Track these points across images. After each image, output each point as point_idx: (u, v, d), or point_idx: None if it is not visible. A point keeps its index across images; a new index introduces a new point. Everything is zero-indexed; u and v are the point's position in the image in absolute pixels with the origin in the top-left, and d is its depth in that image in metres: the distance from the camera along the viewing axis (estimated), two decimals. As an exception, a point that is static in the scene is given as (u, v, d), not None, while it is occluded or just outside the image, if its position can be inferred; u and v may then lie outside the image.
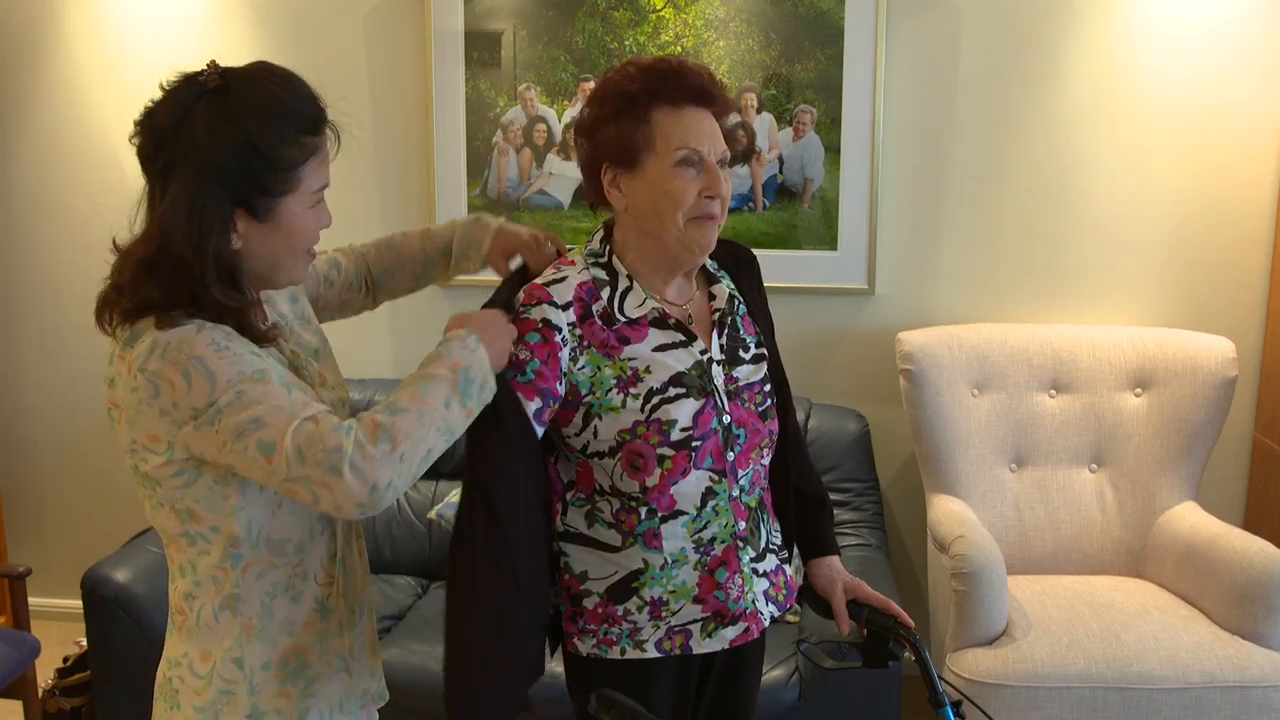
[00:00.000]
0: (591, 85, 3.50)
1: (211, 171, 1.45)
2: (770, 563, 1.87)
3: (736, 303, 1.86)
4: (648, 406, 1.70)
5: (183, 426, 1.45)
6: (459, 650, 1.62)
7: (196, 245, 1.44)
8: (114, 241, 1.56)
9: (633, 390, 1.70)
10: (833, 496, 3.32)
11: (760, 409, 1.82)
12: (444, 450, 1.52)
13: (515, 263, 1.89)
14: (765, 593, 1.85)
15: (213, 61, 1.52)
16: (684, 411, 1.71)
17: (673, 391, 1.71)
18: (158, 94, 1.55)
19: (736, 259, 1.94)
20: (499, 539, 1.63)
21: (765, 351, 1.87)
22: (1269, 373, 3.43)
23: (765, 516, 1.88)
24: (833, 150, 3.49)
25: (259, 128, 1.47)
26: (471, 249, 1.95)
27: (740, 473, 1.79)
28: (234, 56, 1.60)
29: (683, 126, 1.68)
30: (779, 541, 1.92)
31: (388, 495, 1.43)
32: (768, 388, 1.85)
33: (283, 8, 3.68)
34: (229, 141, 1.46)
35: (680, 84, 1.69)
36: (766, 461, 1.86)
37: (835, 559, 1.94)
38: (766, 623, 1.85)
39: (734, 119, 1.81)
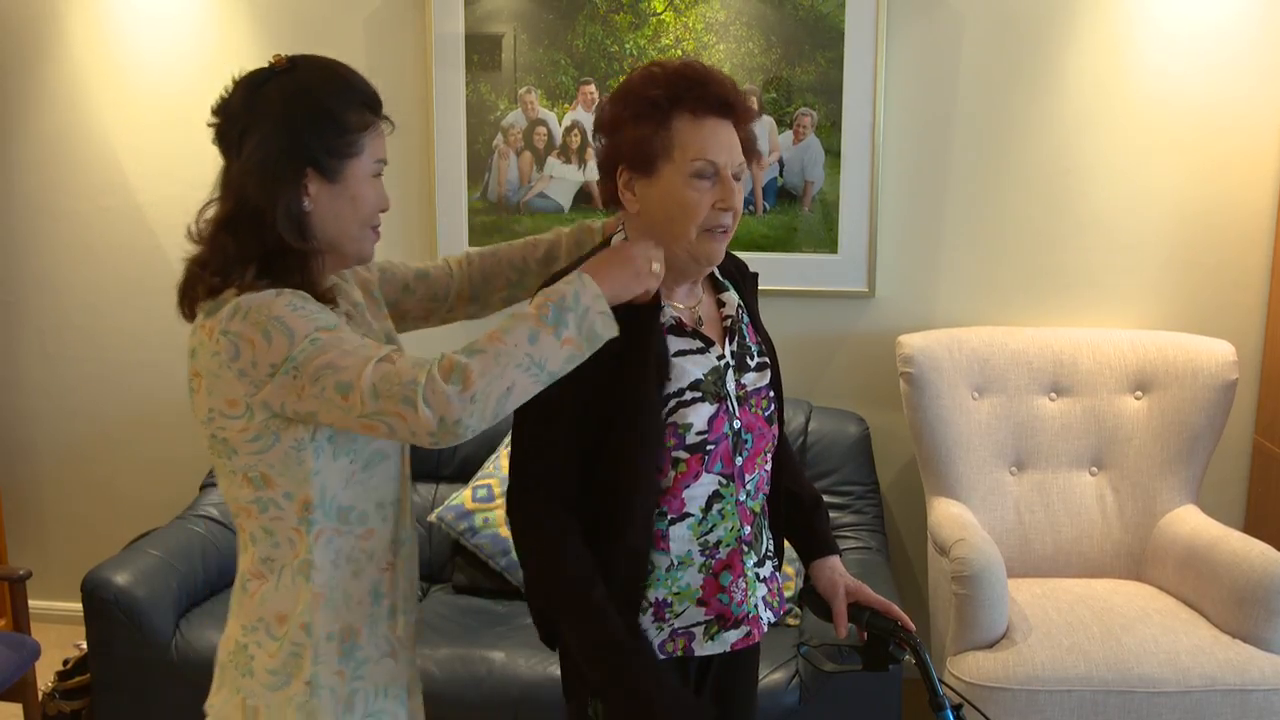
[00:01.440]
0: (592, 88, 3.53)
1: (284, 129, 1.57)
2: (768, 568, 1.88)
3: (742, 311, 1.86)
4: (665, 410, 1.70)
5: (261, 387, 1.52)
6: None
7: (270, 192, 1.55)
8: (189, 230, 1.66)
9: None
10: (833, 499, 3.33)
11: (766, 414, 1.83)
12: (542, 385, 1.53)
13: None
14: (763, 598, 1.85)
15: (278, 54, 1.64)
16: (700, 415, 1.72)
17: (690, 396, 1.72)
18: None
19: (742, 273, 1.94)
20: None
21: (768, 360, 1.88)
22: (1269, 375, 3.43)
23: (766, 523, 1.89)
24: (833, 153, 3.49)
25: (326, 93, 1.59)
26: (585, 252, 1.95)
27: (747, 477, 1.80)
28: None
29: (701, 137, 1.67)
30: (774, 548, 1.93)
31: (459, 431, 1.47)
32: (771, 393, 1.86)
33: (283, 10, 3.68)
34: (300, 104, 1.58)
35: (704, 94, 1.67)
36: (769, 467, 1.87)
37: (836, 559, 1.94)
38: (766, 627, 1.85)
39: (756, 129, 1.80)
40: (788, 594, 3.03)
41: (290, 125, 1.56)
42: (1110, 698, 2.72)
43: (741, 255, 3.76)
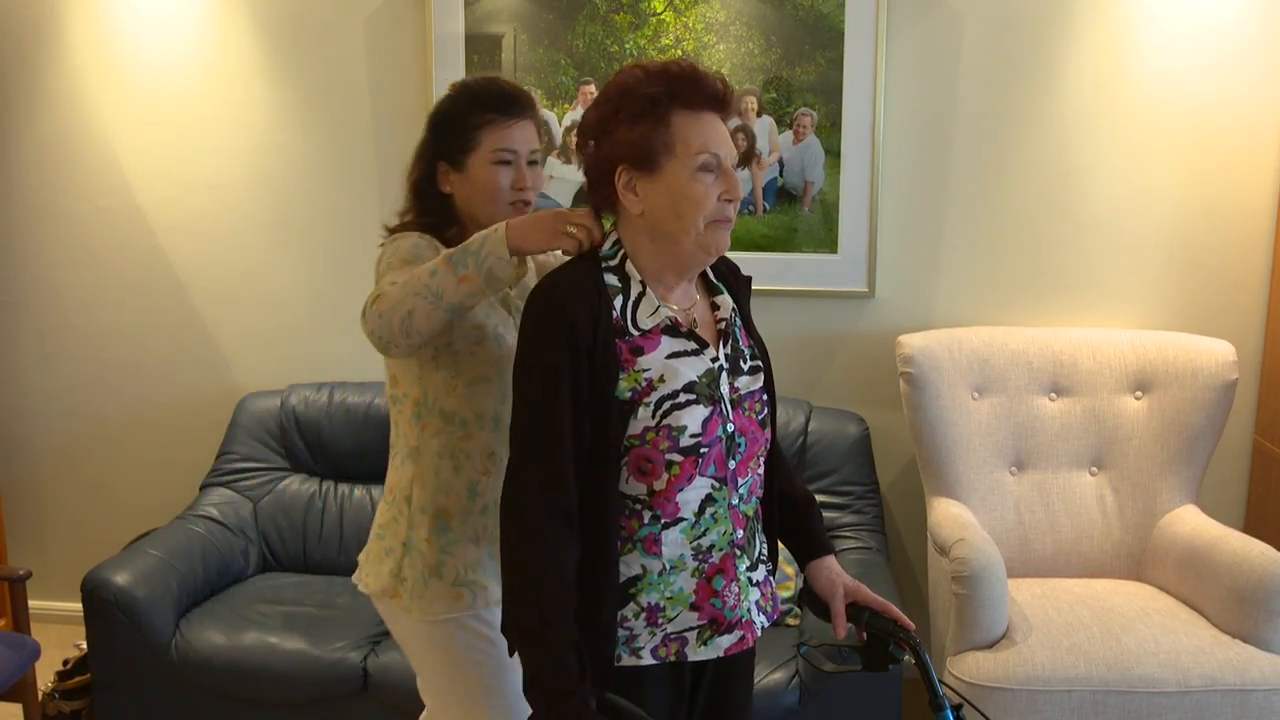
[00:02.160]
0: (592, 88, 3.53)
1: (427, 134, 2.12)
2: (761, 573, 1.88)
3: (735, 314, 1.86)
4: (659, 412, 1.70)
5: None
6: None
7: (412, 173, 2.12)
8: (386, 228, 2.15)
9: (646, 400, 1.69)
10: (832, 499, 3.33)
11: (759, 417, 1.83)
12: (441, 313, 1.81)
13: None
14: (756, 602, 1.85)
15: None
16: (694, 418, 1.71)
17: (684, 398, 1.71)
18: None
19: (735, 275, 1.93)
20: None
21: (761, 364, 1.87)
22: (1269, 376, 3.43)
23: (759, 527, 1.89)
24: (833, 153, 3.49)
25: (452, 101, 2.09)
26: None
27: (740, 481, 1.80)
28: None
29: (701, 130, 1.69)
30: (767, 552, 1.93)
31: (376, 343, 1.89)
32: (765, 396, 1.85)
33: (284, 10, 3.68)
34: (434, 114, 2.11)
35: (699, 88, 1.69)
36: (762, 471, 1.87)
37: (832, 559, 1.94)
38: (759, 632, 1.85)
39: (735, 122, 1.82)
40: (788, 594, 3.04)
41: (430, 131, 2.10)
42: (1110, 698, 2.72)
43: (742, 255, 3.76)
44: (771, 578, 1.93)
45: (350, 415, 3.58)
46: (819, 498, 3.29)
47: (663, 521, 1.73)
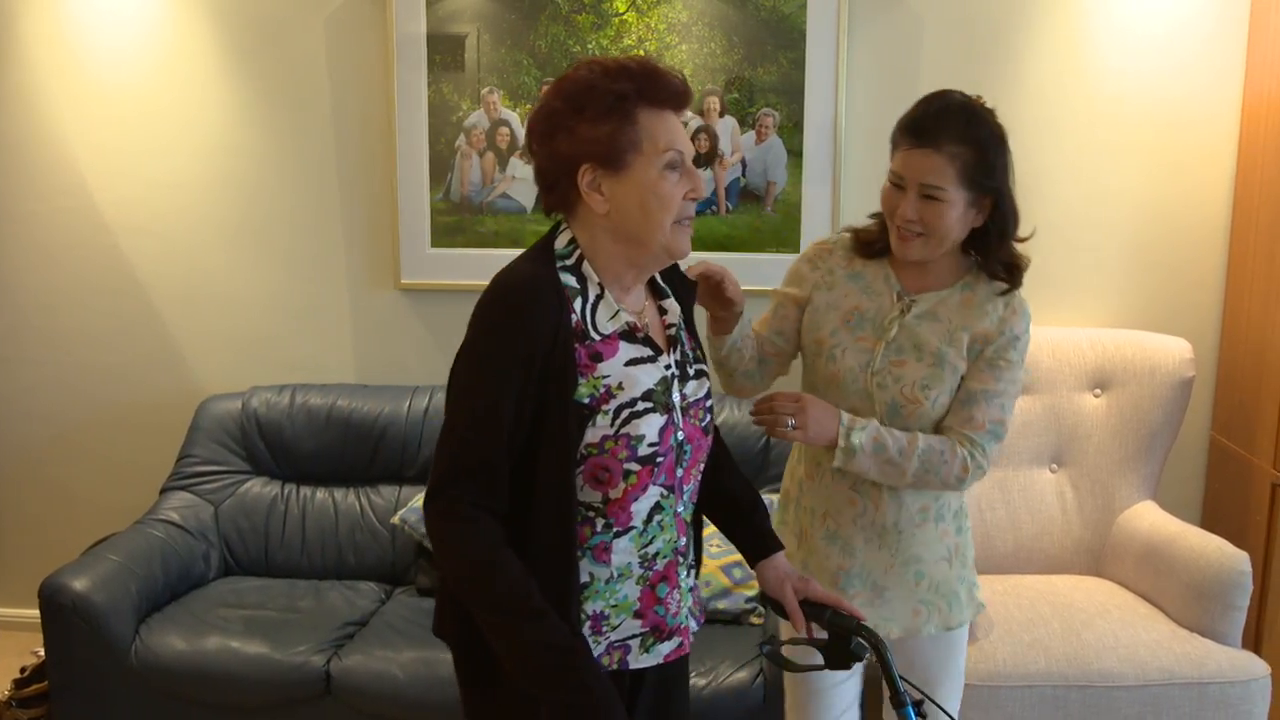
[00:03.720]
0: (554, 88, 3.52)
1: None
2: (692, 578, 1.88)
3: (681, 319, 1.85)
4: (617, 420, 1.67)
5: None
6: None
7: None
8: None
9: (604, 407, 1.66)
10: (796, 498, 3.33)
11: (703, 424, 1.81)
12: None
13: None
14: (689, 608, 1.85)
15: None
16: (651, 427, 1.69)
17: (641, 406, 1.68)
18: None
19: (681, 278, 1.92)
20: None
21: (705, 369, 1.86)
22: (1225, 373, 3.47)
23: (694, 533, 1.88)
24: (795, 153, 3.50)
25: None
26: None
27: (685, 488, 1.79)
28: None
29: (667, 128, 1.67)
30: (696, 557, 1.92)
31: None
32: (709, 403, 1.84)
33: (243, 9, 3.65)
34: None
35: (664, 85, 1.67)
36: (701, 476, 1.86)
37: (780, 556, 1.94)
38: (692, 637, 1.85)
39: (697, 122, 1.81)
40: (751, 594, 3.05)
41: None
42: (1071, 692, 2.74)
43: (705, 255, 3.76)
44: (698, 582, 1.92)
45: (312, 417, 3.56)
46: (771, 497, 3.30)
47: (615, 530, 1.71)
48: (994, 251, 2.15)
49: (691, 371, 1.82)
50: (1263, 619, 3.14)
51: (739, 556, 2.02)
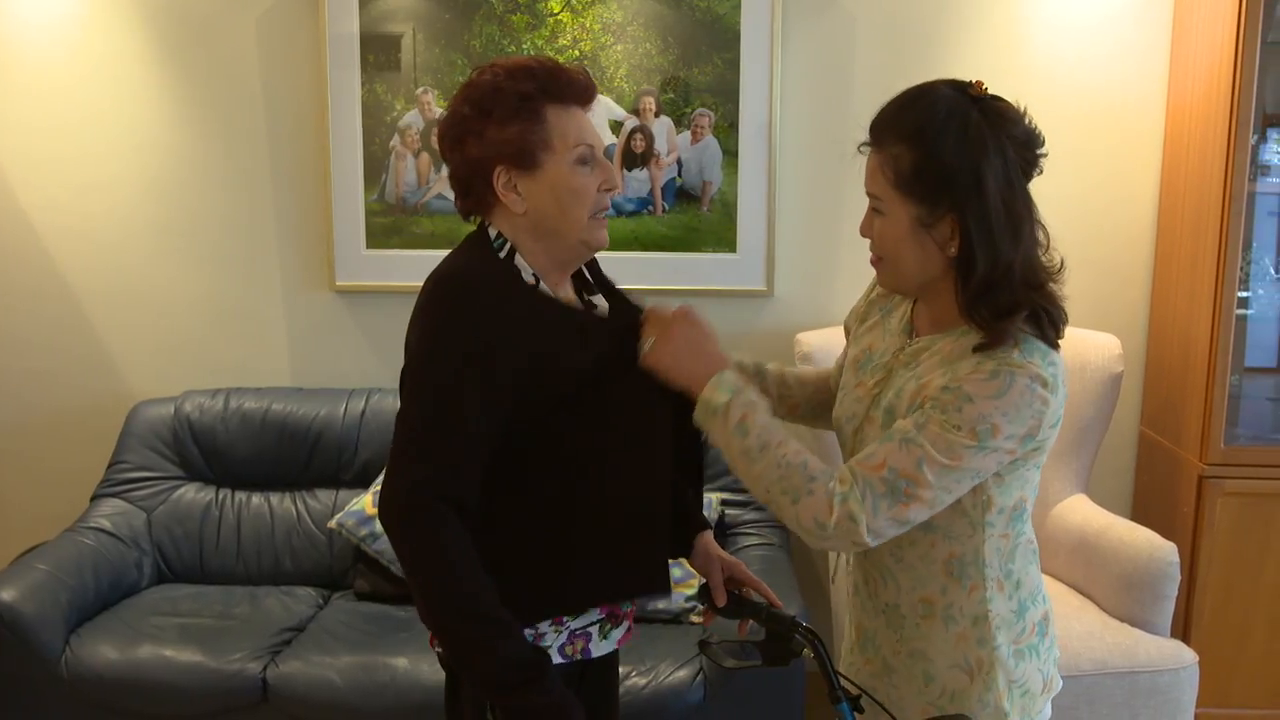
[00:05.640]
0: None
1: None
2: None
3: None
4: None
5: None
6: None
7: None
8: None
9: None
10: (734, 497, 3.35)
11: None
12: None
13: None
14: None
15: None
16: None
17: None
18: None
19: (626, 302, 1.94)
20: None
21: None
22: (1153, 368, 3.54)
23: None
24: (731, 153, 3.52)
25: None
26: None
27: None
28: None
29: (576, 124, 1.70)
30: None
31: None
32: None
33: (172, 9, 3.59)
34: None
35: (568, 82, 1.70)
36: None
37: (708, 535, 1.95)
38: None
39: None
40: (690, 593, 3.05)
41: None
42: (1006, 684, 2.78)
43: (642, 255, 3.77)
44: None
45: (247, 421, 3.51)
46: (721, 495, 3.32)
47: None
48: (968, 290, 1.68)
49: None
50: (1190, 608, 3.21)
51: (678, 557, 2.01)
